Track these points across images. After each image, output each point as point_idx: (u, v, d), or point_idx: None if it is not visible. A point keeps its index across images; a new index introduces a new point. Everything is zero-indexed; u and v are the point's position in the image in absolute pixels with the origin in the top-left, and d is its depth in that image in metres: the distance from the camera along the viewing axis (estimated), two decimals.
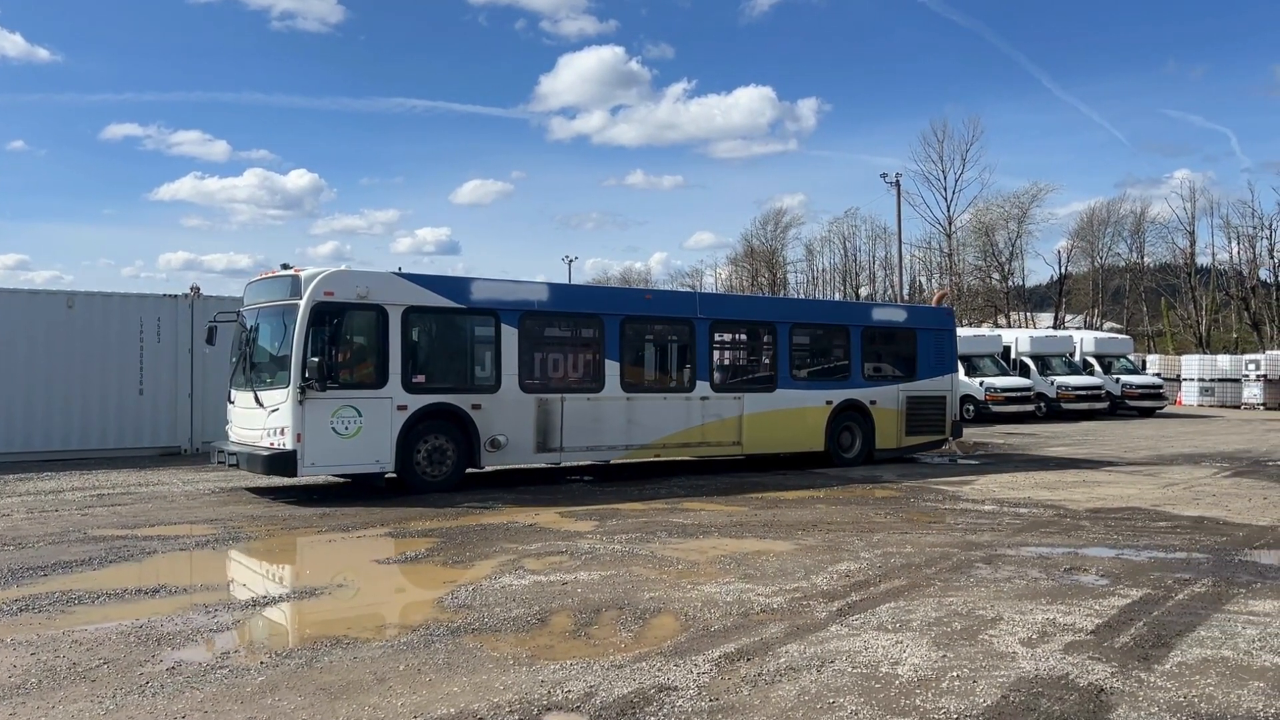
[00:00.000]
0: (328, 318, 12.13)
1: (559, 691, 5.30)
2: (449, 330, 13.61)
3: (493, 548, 9.40)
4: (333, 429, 12.00)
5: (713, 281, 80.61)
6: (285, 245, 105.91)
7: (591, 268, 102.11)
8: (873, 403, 16.96)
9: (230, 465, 12.75)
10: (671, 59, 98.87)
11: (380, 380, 12.42)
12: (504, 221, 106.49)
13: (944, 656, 5.97)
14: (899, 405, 17.26)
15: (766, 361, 16.38)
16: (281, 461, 11.85)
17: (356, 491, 13.12)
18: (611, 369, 14.31)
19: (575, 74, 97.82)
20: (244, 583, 7.94)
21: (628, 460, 14.96)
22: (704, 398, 15.12)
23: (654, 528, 10.51)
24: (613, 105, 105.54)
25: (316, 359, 11.73)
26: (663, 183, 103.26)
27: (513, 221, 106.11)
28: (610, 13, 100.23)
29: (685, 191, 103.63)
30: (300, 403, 11.77)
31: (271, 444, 12.09)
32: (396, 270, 13.17)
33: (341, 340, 12.49)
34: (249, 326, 13.07)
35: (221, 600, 7.32)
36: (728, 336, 16.28)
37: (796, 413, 16.12)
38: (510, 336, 13.46)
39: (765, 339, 16.39)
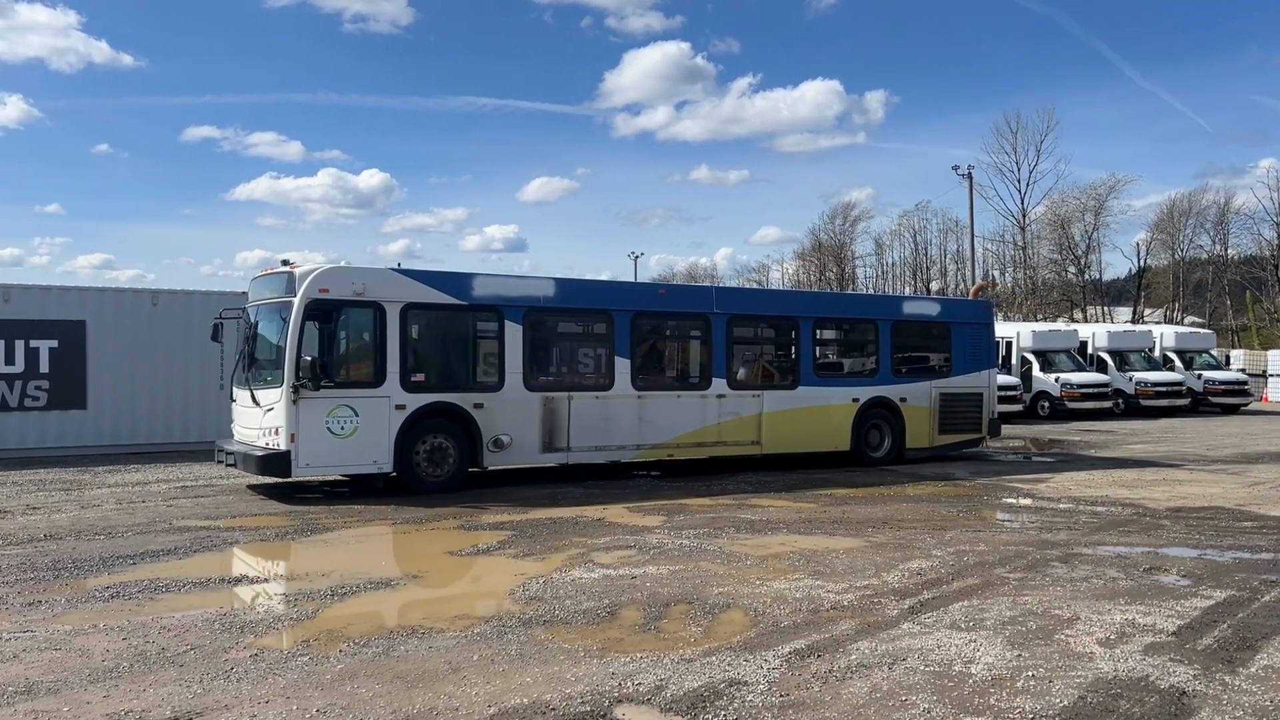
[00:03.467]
0: (322, 315, 11.93)
1: (629, 684, 5.35)
2: (450, 327, 13.33)
3: (562, 541, 9.50)
4: (328, 429, 11.76)
5: (779, 276, 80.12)
6: (358, 243, 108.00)
7: (657, 264, 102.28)
8: (903, 400, 16.31)
9: (229, 465, 12.62)
10: (737, 53, 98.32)
11: (378, 379, 12.15)
12: (570, 219, 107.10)
13: (1019, 656, 5.89)
14: (931, 403, 16.59)
15: (788, 358, 15.87)
16: (275, 462, 11.69)
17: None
18: (622, 366, 13.93)
19: (640, 70, 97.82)
20: (322, 573, 8.13)
21: (640, 460, 14.57)
22: (720, 395, 14.69)
23: (722, 523, 10.52)
24: (677, 101, 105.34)
25: (309, 358, 11.51)
26: (728, 178, 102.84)
27: (578, 218, 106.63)
28: (676, 8, 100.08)
29: (751, 186, 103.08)
30: (294, 402, 11.54)
31: (267, 444, 11.93)
32: (395, 266, 12.94)
33: (337, 338, 12.29)
34: (250, 323, 12.97)
35: (301, 589, 7.52)
36: (746, 332, 15.70)
37: (820, 411, 15.61)
38: (514, 333, 13.13)
39: (786, 334, 15.86)
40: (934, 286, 70.51)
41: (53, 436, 16.90)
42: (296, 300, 11.72)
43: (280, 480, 12.51)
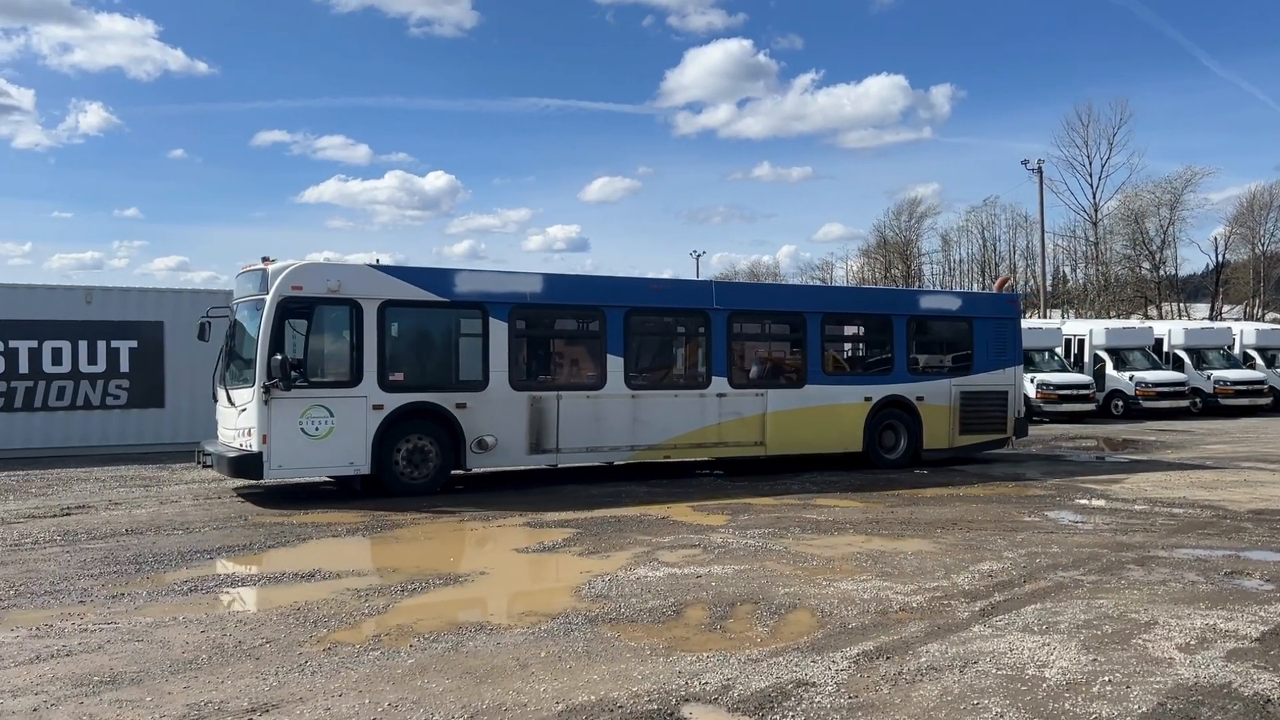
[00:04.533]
0: (296, 313, 11.70)
1: (696, 683, 5.34)
2: (431, 325, 12.98)
3: (627, 539, 9.53)
4: (302, 430, 11.49)
5: (843, 274, 79.37)
6: (423, 244, 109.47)
7: (718, 262, 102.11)
8: (919, 399, 15.61)
9: (206, 466, 12.38)
10: (800, 50, 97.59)
11: (354, 378, 11.85)
12: (632, 218, 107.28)
13: (1094, 660, 5.76)
14: (951, 402, 15.85)
15: (794, 355, 15.26)
16: (246, 463, 11.44)
17: (499, 482, 13.46)
18: (614, 365, 13.46)
19: (702, 68, 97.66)
20: (393, 568, 8.26)
21: (634, 462, 14.07)
22: (721, 395, 14.16)
23: (787, 523, 10.46)
24: (739, 98, 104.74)
25: (280, 357, 11.21)
26: (790, 175, 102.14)
27: (640, 218, 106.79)
28: (739, 6, 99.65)
29: (814, 183, 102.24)
30: (265, 403, 11.29)
31: (241, 445, 11.72)
32: (373, 262, 12.56)
33: (311, 337, 11.98)
34: (230, 322, 12.76)
35: (372, 585, 7.65)
36: (749, 329, 15.09)
37: (829, 410, 14.98)
38: (499, 331, 12.75)
39: (793, 331, 15.22)
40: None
41: (133, 434, 17.45)
42: (268, 298, 11.49)
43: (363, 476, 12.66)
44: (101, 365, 17.17)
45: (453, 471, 12.57)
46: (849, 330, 16.22)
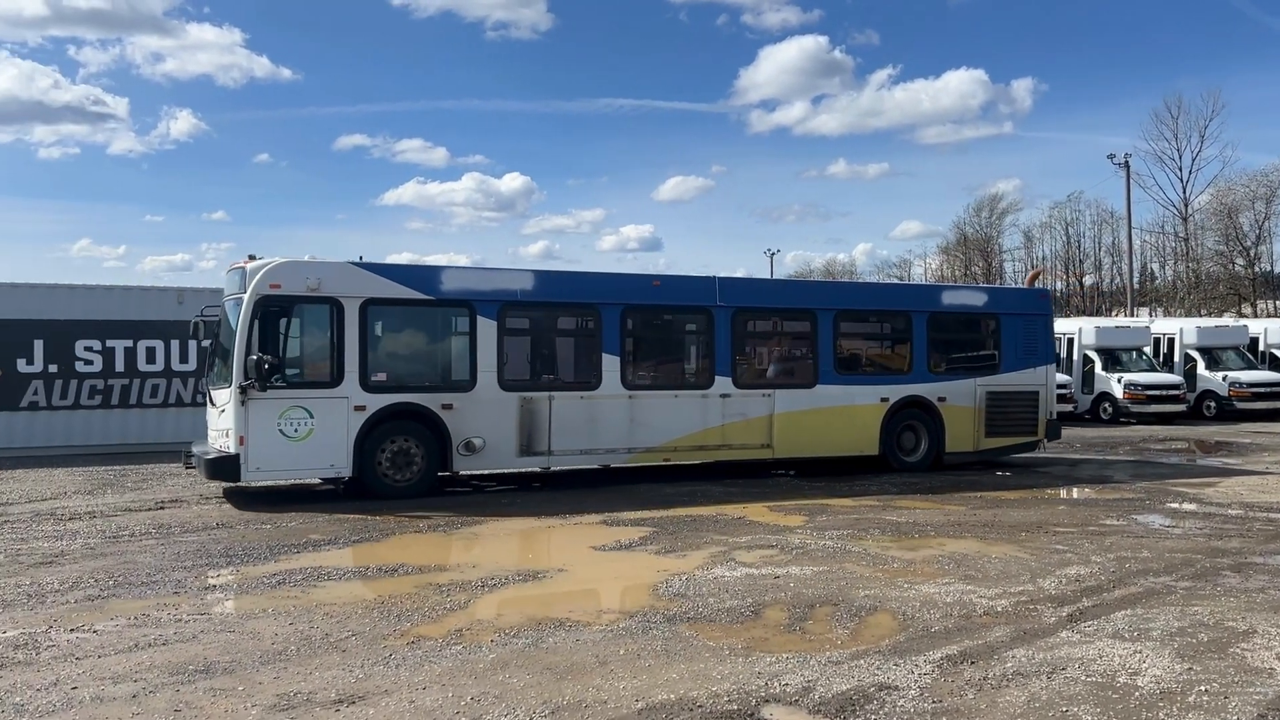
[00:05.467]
0: (274, 312, 11.41)
1: (776, 684, 5.31)
2: (416, 324, 12.69)
3: (703, 539, 9.51)
4: (280, 431, 11.26)
5: (921, 271, 78.18)
6: (499, 245, 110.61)
7: (793, 260, 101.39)
8: (941, 399, 14.92)
9: (191, 468, 12.15)
10: (877, 45, 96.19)
11: (335, 379, 11.59)
12: (705, 217, 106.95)
13: (1189, 669, 5.58)
14: (976, 402, 15.13)
15: (804, 354, 14.64)
16: (223, 465, 11.24)
17: (579, 479, 13.56)
18: (610, 364, 13.02)
19: (776, 65, 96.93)
20: (473, 564, 8.38)
21: (634, 464, 13.50)
22: (724, 395, 13.62)
23: (866, 524, 10.33)
24: (814, 95, 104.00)
25: (255, 357, 11.00)
26: (867, 171, 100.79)
27: (713, 216, 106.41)
28: (814, 2, 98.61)
29: (890, 180, 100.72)
30: (242, 404, 11.07)
31: (220, 446, 11.58)
32: (356, 260, 12.16)
33: (290, 336, 11.70)
34: (217, 321, 12.51)
35: (453, 580, 7.77)
36: (755, 327, 14.61)
37: (842, 411, 14.39)
38: (488, 330, 12.38)
39: (803, 329, 14.61)
40: (1087, 281, 67.47)
41: None
42: (246, 296, 11.31)
43: (461, 474, 12.78)
44: (192, 364, 17.70)
45: (439, 474, 12.27)
46: (864, 328, 15.60)
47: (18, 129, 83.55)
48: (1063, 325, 27.69)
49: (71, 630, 6.30)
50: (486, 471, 13.13)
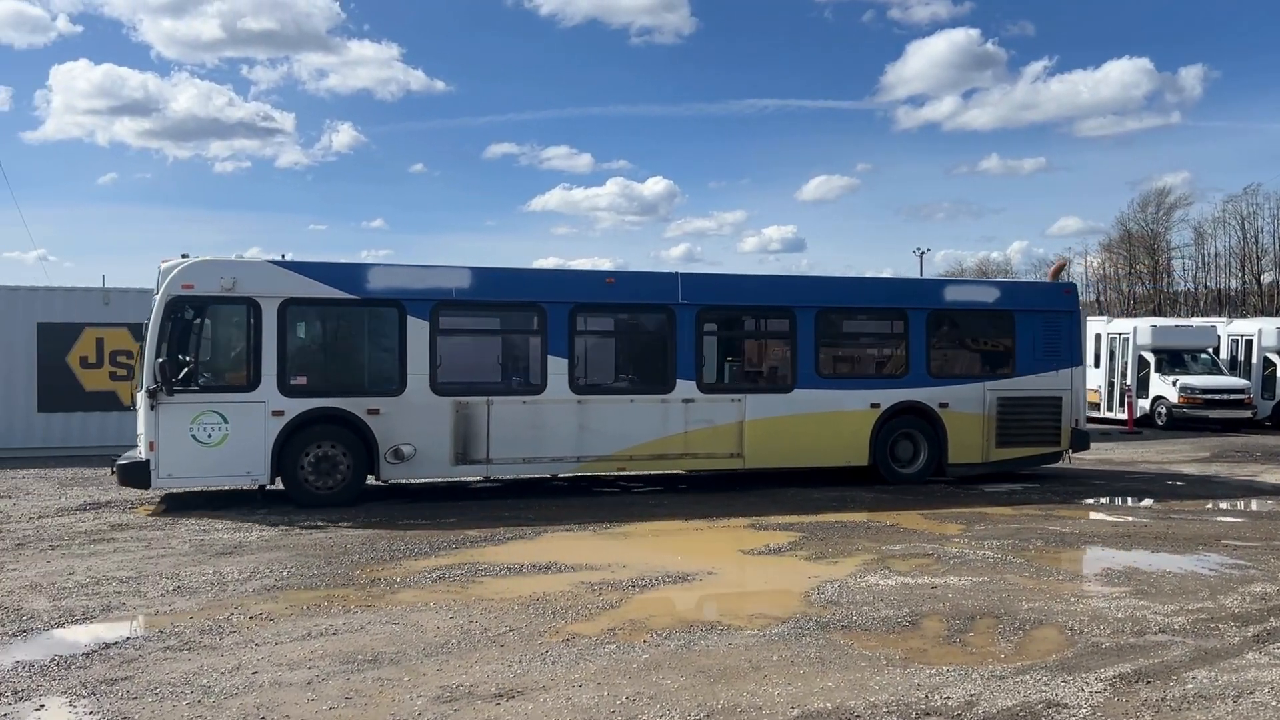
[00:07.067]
0: (187, 313, 11.06)
1: (937, 697, 5.15)
2: (340, 325, 12.20)
3: (854, 546, 9.33)
4: (193, 436, 10.89)
5: (1081, 269, 74.62)
6: (642, 249, 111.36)
7: (943, 259, 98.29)
8: (943, 405, 13.59)
9: (114, 474, 11.44)
10: (1031, 36, 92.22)
11: (251, 382, 11.16)
12: (850, 216, 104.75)
13: None
14: (986, 409, 13.74)
15: (780, 355, 13.55)
16: (134, 472, 10.92)
17: (723, 483, 13.53)
18: (557, 366, 12.17)
19: (925, 60, 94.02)
20: (623, 564, 8.46)
21: (583, 474, 12.86)
22: (688, 400, 12.61)
23: (1027, 534, 9.93)
24: (965, 89, 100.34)
25: (162, 360, 10.68)
26: (1021, 166, 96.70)
27: (859, 216, 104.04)
28: None
29: (1047, 175, 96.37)
30: (152, 408, 10.75)
31: (137, 452, 11.26)
32: (278, 258, 11.72)
33: (205, 338, 11.35)
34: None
35: (605, 579, 7.86)
36: (724, 326, 13.73)
37: (826, 418, 13.17)
38: (419, 330, 11.75)
39: (779, 328, 13.56)
40: (1265, 279, 62.99)
41: None
42: (158, 298, 11.04)
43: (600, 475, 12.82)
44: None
45: (369, 482, 11.79)
46: (852, 326, 14.33)
47: (196, 145, 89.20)
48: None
49: (251, 618, 6.68)
50: (419, 481, 12.80)
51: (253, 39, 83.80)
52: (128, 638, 6.21)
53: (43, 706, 5.05)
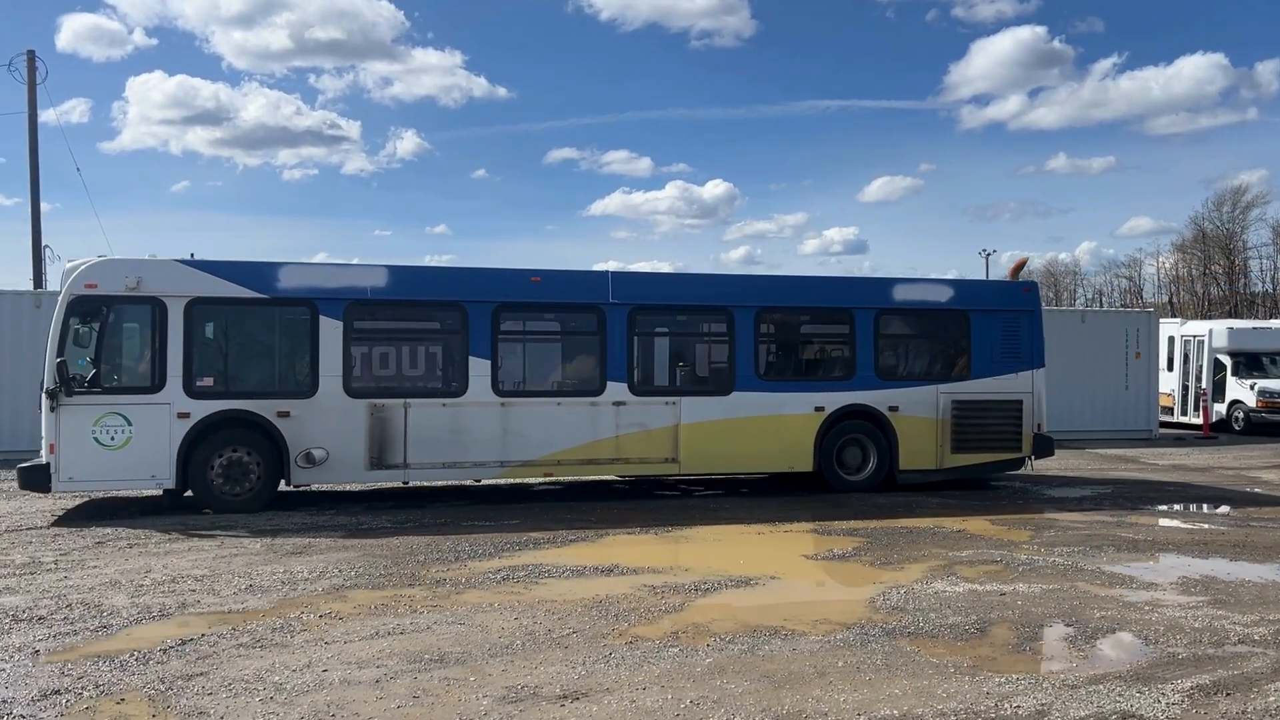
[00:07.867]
0: (89, 313, 10.88)
1: (1007, 706, 5.07)
2: (250, 325, 11.92)
3: (920, 551, 9.22)
4: (95, 439, 10.72)
5: (1153, 270, 72.86)
6: (702, 252, 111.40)
7: (1009, 261, 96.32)
8: (893, 409, 13.13)
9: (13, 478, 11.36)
10: (1100, 33, 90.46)
11: (156, 384, 10.98)
12: (913, 217, 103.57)
13: None
14: (940, 413, 13.26)
15: (718, 357, 13.08)
16: (33, 475, 10.77)
17: (780, 488, 13.45)
18: (478, 368, 11.90)
19: (989, 59, 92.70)
20: (685, 567, 8.45)
21: (507, 479, 12.61)
22: (619, 403, 12.30)
23: (1098, 541, 9.71)
24: (1031, 88, 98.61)
25: (62, 360, 10.55)
26: (1090, 166, 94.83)
27: (922, 217, 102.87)
28: None
29: (1116, 174, 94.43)
30: (52, 410, 10.62)
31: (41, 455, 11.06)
32: (186, 257, 11.51)
33: (108, 339, 11.07)
34: None
35: (667, 583, 7.86)
36: (657, 327, 13.21)
37: (767, 421, 12.75)
38: (332, 330, 11.49)
39: (716, 329, 13.05)
40: None
41: None
42: (60, 297, 10.93)
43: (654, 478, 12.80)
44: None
45: (281, 487, 11.59)
46: (795, 327, 13.81)
47: (265, 153, 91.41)
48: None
49: (320, 616, 6.80)
50: (332, 486, 12.62)
51: (320, 48, 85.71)
52: (203, 635, 6.37)
53: (123, 700, 5.20)
